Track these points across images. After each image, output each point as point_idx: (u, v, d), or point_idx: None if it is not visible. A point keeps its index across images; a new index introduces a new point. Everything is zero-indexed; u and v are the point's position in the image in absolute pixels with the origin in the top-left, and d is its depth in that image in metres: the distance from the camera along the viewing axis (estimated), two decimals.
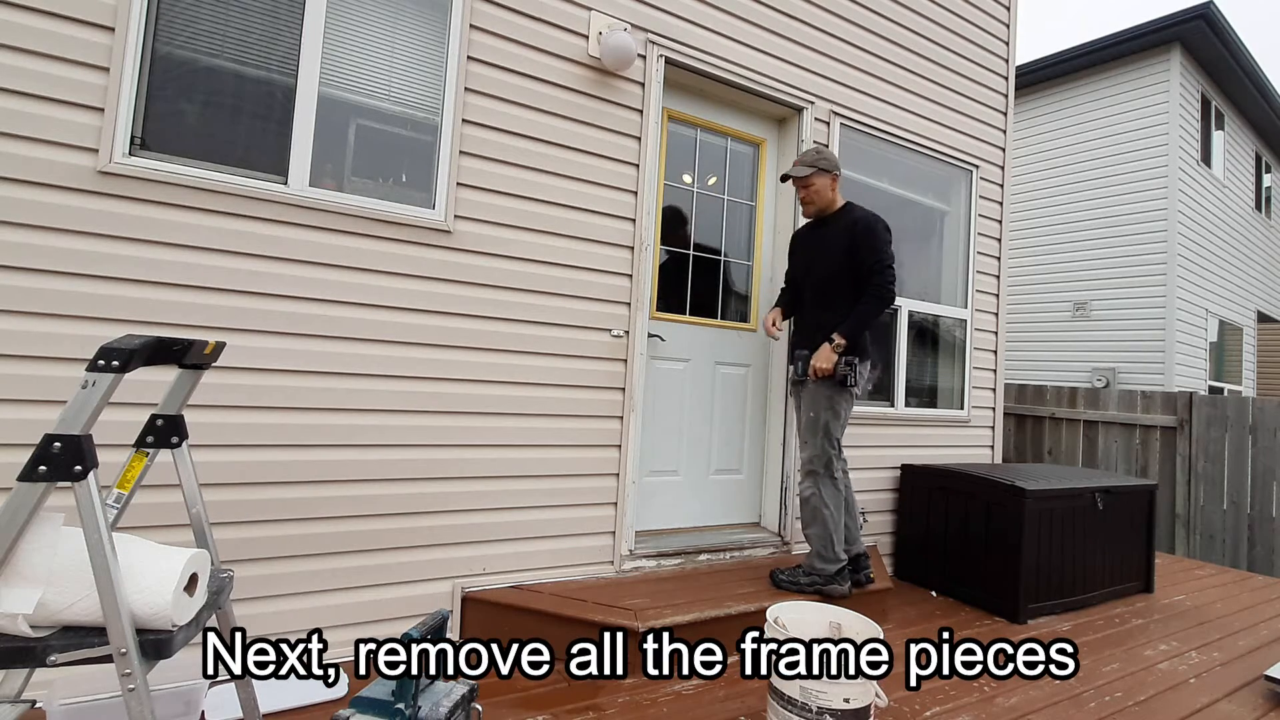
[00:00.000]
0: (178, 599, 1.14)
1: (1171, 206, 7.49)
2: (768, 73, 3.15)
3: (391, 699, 1.34)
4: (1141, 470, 5.54)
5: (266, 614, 2.06)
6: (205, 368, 1.45)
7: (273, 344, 2.10)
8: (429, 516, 2.34)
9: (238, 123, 2.11)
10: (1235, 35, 7.60)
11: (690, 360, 3.14)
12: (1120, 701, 2.19)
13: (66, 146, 1.85)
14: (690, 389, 3.14)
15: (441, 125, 2.39)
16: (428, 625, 1.43)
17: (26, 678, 1.27)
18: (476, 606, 2.37)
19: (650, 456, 3.00)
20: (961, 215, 4.04)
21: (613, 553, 2.70)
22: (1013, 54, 4.24)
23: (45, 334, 1.82)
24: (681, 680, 2.17)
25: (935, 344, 3.99)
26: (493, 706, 1.90)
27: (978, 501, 3.18)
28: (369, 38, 2.32)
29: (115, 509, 1.35)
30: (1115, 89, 8.07)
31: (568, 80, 2.63)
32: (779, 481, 3.22)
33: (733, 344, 3.28)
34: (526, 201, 2.53)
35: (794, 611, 1.96)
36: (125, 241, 1.91)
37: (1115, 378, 7.67)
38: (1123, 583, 3.42)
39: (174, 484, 1.45)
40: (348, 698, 1.91)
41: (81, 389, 1.06)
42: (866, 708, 1.68)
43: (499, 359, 2.47)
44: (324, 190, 2.20)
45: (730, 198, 3.30)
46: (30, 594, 1.06)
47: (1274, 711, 2.17)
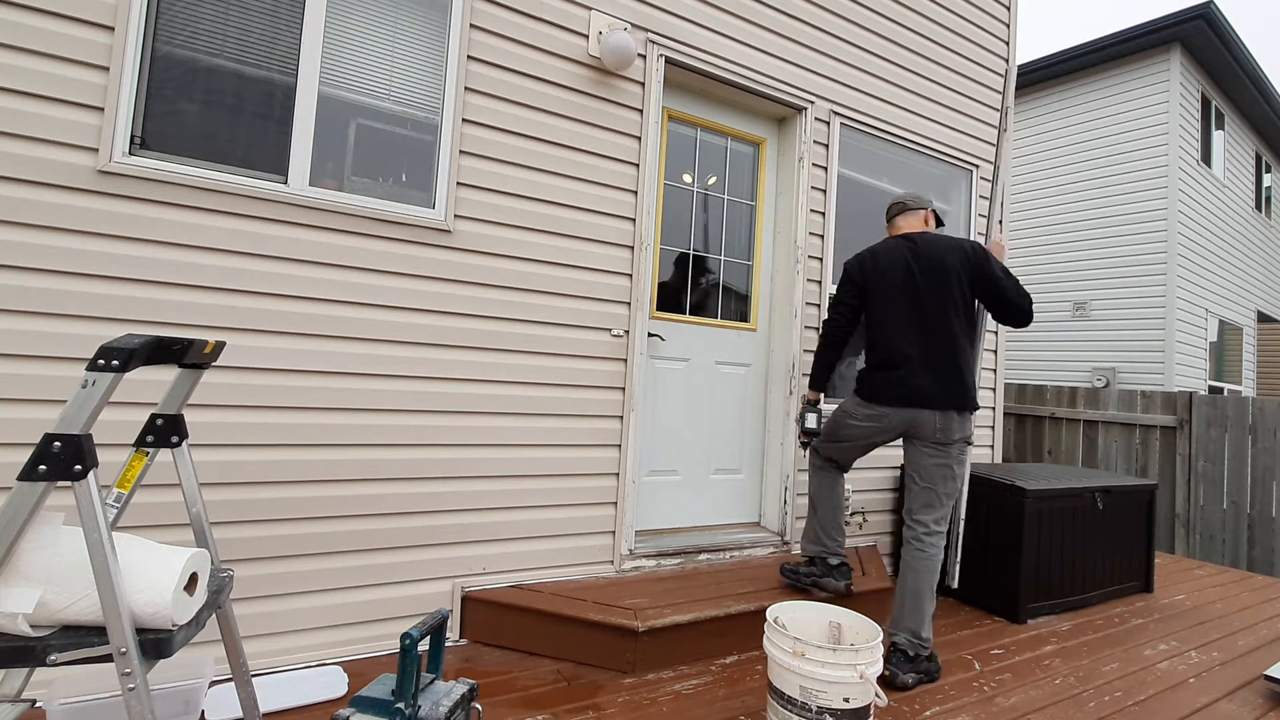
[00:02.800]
0: (178, 598, 1.14)
1: (1171, 206, 7.49)
2: (768, 72, 3.15)
3: (391, 698, 1.34)
4: (1141, 470, 5.54)
5: (266, 614, 2.06)
6: (205, 367, 1.45)
7: (273, 344, 2.10)
8: (429, 516, 2.34)
9: (238, 122, 2.11)
10: (1235, 35, 7.59)
11: (690, 360, 3.14)
12: (1120, 701, 2.19)
13: (66, 146, 1.85)
14: (690, 389, 3.14)
15: (441, 125, 2.39)
16: (427, 625, 1.43)
17: (26, 677, 1.26)
18: (476, 606, 2.37)
19: (650, 456, 3.00)
20: (961, 215, 4.03)
21: (613, 552, 2.70)
22: (1013, 54, 4.24)
23: (45, 334, 1.82)
24: (681, 680, 2.17)
25: None
26: (492, 706, 1.90)
27: (977, 501, 3.18)
28: (369, 37, 2.32)
29: (115, 508, 1.35)
30: (1115, 89, 8.07)
31: (568, 80, 2.63)
32: (779, 481, 3.22)
33: (733, 344, 3.27)
34: (526, 201, 2.53)
35: (794, 611, 1.96)
36: (125, 241, 1.91)
37: (1115, 377, 7.67)
38: (1122, 582, 3.42)
39: (174, 484, 1.44)
40: (348, 697, 1.91)
41: (81, 388, 1.06)
42: (866, 707, 1.68)
43: (499, 358, 2.47)
44: (324, 190, 2.20)
45: (730, 197, 3.30)
46: (30, 593, 1.06)
47: (1274, 711, 2.17)
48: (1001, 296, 2.33)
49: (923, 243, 2.40)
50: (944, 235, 2.46)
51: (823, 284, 3.35)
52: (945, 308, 2.31)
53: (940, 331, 2.31)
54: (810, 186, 3.30)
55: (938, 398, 2.28)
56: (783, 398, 3.25)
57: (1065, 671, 2.41)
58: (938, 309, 2.31)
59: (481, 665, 2.18)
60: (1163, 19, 7.46)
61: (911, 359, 2.32)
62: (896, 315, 2.37)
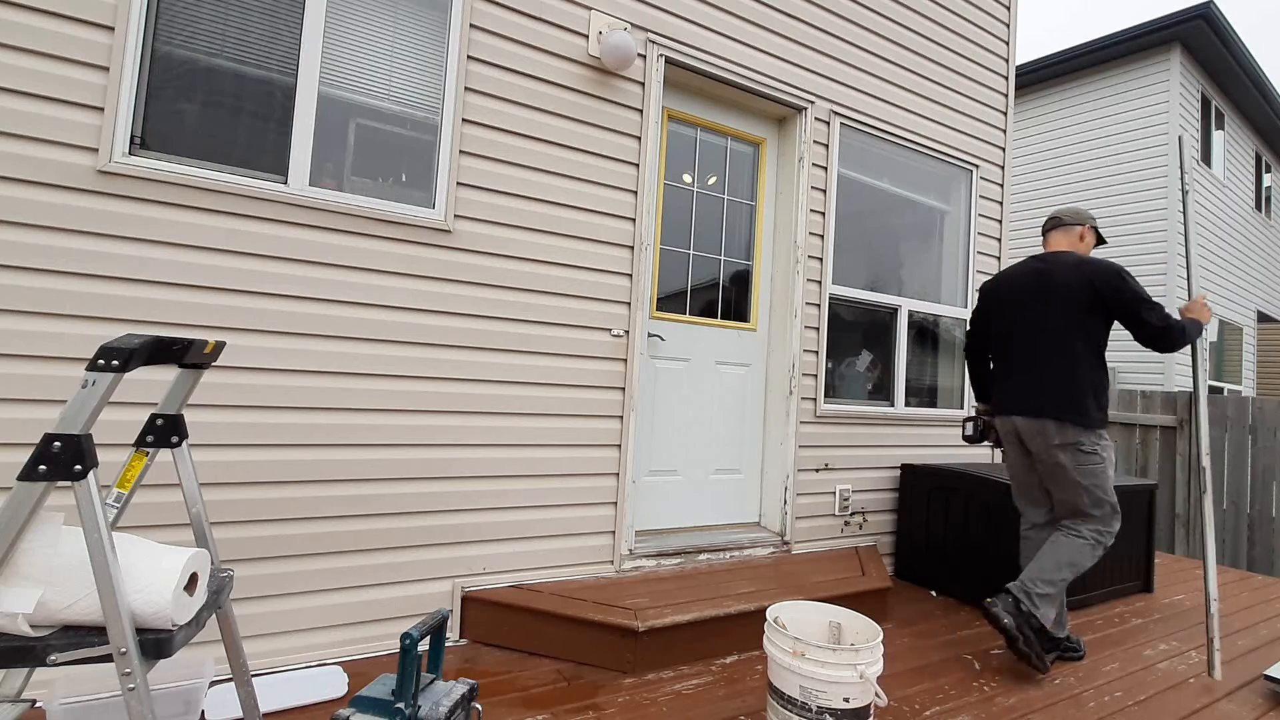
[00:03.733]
0: (178, 598, 1.14)
1: (1171, 206, 7.49)
2: (768, 72, 3.15)
3: (391, 698, 1.34)
4: (1141, 470, 5.53)
5: (266, 614, 2.06)
6: (205, 367, 1.45)
7: (273, 344, 2.10)
8: (429, 516, 2.34)
9: (237, 122, 2.11)
10: (1235, 35, 7.60)
11: (690, 360, 3.14)
12: (1120, 701, 2.19)
13: (66, 146, 1.85)
14: (690, 389, 3.14)
15: (441, 125, 2.39)
16: (427, 625, 1.43)
17: (26, 677, 1.26)
18: (476, 606, 2.37)
19: (650, 456, 3.00)
20: (961, 215, 4.04)
21: (613, 552, 2.70)
22: (1013, 54, 4.24)
23: (45, 334, 1.82)
24: (681, 680, 2.17)
25: (935, 343, 3.99)
26: (492, 706, 1.90)
27: (978, 501, 3.18)
28: (369, 37, 2.32)
29: (115, 508, 1.35)
30: (1115, 89, 8.08)
31: (568, 80, 2.63)
32: (779, 481, 3.22)
33: (733, 343, 3.27)
34: (526, 201, 2.53)
35: (794, 611, 1.96)
36: (125, 241, 1.91)
37: (1115, 378, 7.67)
38: (1122, 582, 3.42)
39: (174, 484, 1.44)
40: (348, 697, 1.91)
41: (81, 388, 1.06)
42: (866, 707, 1.68)
43: (499, 358, 2.47)
44: (324, 190, 2.20)
45: (730, 197, 3.30)
46: (30, 594, 1.06)
47: (1274, 711, 2.17)
48: (1134, 318, 2.36)
49: (1052, 262, 2.51)
50: (1077, 256, 2.50)
51: (823, 284, 3.35)
52: (1047, 326, 2.44)
53: (1038, 345, 2.46)
54: (810, 186, 3.30)
55: (1026, 406, 2.47)
56: (782, 397, 3.25)
57: (1065, 671, 2.40)
58: (1037, 326, 2.47)
59: (481, 665, 2.18)
60: (1163, 19, 7.46)
61: (1012, 372, 2.56)
62: (1006, 330, 2.59)
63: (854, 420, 3.48)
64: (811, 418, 3.30)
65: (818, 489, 3.33)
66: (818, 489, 3.33)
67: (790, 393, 3.22)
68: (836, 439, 3.40)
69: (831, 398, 3.45)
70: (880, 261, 3.73)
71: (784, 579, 2.77)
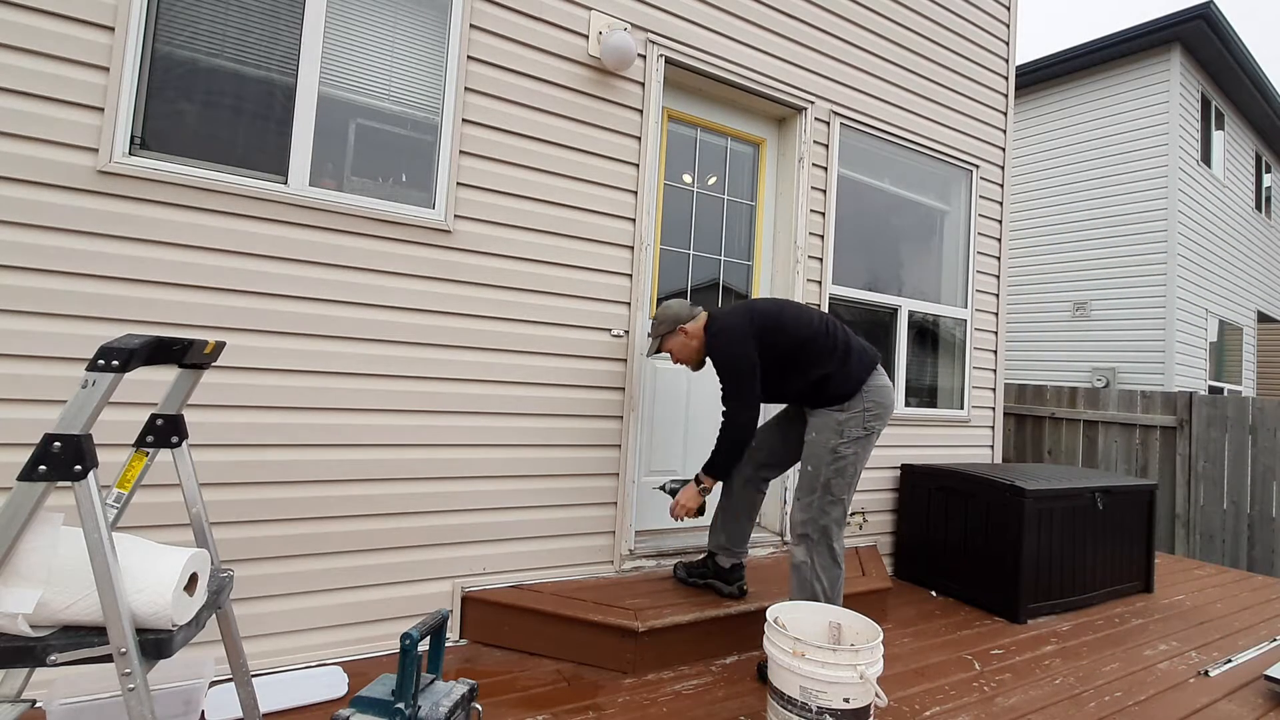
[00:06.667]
0: (178, 598, 1.14)
1: (1171, 206, 7.49)
2: (768, 72, 3.15)
3: (391, 699, 1.34)
4: (1141, 470, 5.53)
5: (266, 614, 2.06)
6: (205, 367, 1.45)
7: (273, 344, 2.10)
8: (429, 516, 2.34)
9: (237, 122, 2.11)
10: (1235, 35, 7.60)
11: None
12: (1120, 701, 2.19)
13: (66, 146, 1.85)
14: (690, 389, 3.13)
15: (441, 125, 2.39)
16: (428, 625, 1.43)
17: (26, 677, 1.26)
18: (476, 606, 2.37)
19: (650, 456, 3.00)
20: (961, 215, 4.04)
21: (613, 552, 2.70)
22: (1013, 54, 4.24)
23: (45, 334, 1.82)
24: (681, 680, 2.17)
25: (935, 344, 3.99)
26: (493, 706, 1.90)
27: (978, 501, 3.18)
28: (369, 37, 2.32)
29: (115, 509, 1.35)
30: (1115, 89, 8.07)
31: (568, 80, 2.63)
32: (779, 481, 3.22)
33: None
34: (526, 201, 2.53)
35: (794, 611, 1.96)
36: (125, 241, 1.91)
37: (1115, 378, 7.67)
38: (1122, 582, 3.42)
39: (174, 484, 1.44)
40: (348, 697, 1.91)
41: (81, 389, 1.06)
42: (866, 707, 1.68)
43: (499, 359, 2.47)
44: (324, 190, 2.20)
45: (730, 197, 3.30)
46: (30, 594, 1.06)
47: (1274, 711, 2.17)
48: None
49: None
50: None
51: (823, 284, 3.35)
52: None
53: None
54: (810, 187, 3.30)
55: None
56: None
57: (1065, 671, 2.41)
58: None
59: (481, 665, 2.18)
60: (1163, 19, 7.46)
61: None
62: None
63: None
64: None
65: None
66: None
67: None
68: None
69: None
70: (880, 262, 3.73)
71: (784, 579, 2.77)
